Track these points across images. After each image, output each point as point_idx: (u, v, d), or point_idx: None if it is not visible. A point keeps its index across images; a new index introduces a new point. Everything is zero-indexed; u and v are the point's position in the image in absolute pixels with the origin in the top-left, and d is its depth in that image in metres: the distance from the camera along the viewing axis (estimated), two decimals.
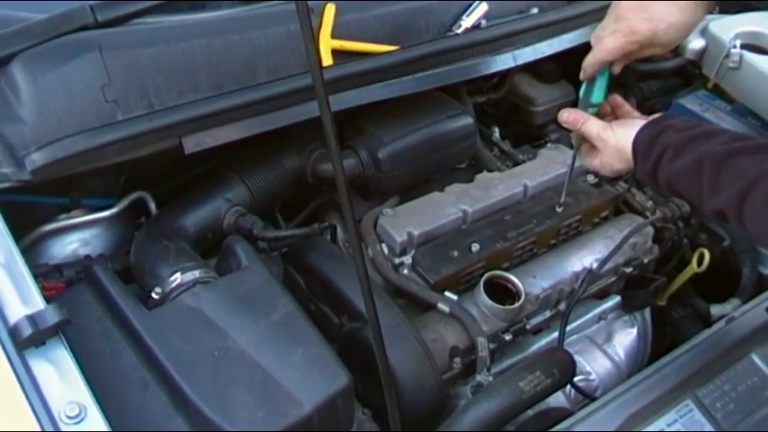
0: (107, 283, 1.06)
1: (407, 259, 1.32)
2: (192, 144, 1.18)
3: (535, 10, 1.59)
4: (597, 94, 1.20)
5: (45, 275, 1.15)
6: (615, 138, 1.13)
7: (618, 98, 1.24)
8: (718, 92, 1.71)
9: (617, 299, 1.50)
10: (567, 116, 1.21)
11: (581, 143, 1.24)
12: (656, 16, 1.10)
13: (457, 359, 1.25)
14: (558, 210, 1.42)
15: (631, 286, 1.53)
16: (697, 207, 1.06)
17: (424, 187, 1.49)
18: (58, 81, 1.12)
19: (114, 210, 1.28)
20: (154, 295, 1.10)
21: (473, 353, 1.24)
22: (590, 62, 1.18)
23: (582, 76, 1.21)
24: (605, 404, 1.09)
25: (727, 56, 1.63)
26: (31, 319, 0.86)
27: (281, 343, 1.01)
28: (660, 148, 1.03)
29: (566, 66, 1.69)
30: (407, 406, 1.12)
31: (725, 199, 0.95)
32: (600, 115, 1.22)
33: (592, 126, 1.17)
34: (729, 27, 1.65)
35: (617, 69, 1.20)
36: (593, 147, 1.19)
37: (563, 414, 1.16)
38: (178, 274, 1.11)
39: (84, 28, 1.20)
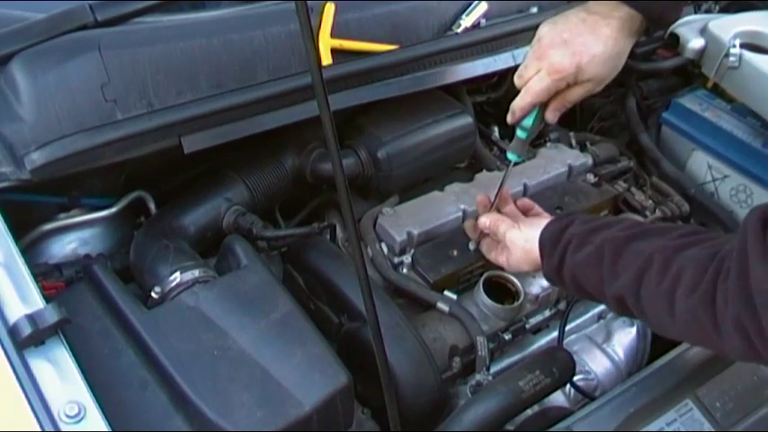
0: (106, 282, 1.06)
1: (407, 258, 1.32)
2: (192, 143, 1.18)
3: (535, 9, 1.59)
4: (526, 120, 1.17)
5: (45, 275, 1.15)
6: (523, 238, 1.12)
7: (527, 202, 1.25)
8: (718, 91, 1.71)
9: None
10: (484, 222, 1.21)
11: (483, 237, 1.24)
12: (578, 50, 1.08)
13: (456, 358, 1.25)
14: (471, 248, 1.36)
15: None
16: (600, 300, 1.05)
17: (423, 186, 1.49)
18: (57, 80, 1.12)
19: (114, 209, 1.28)
20: (153, 294, 1.10)
21: (473, 352, 1.24)
22: (519, 106, 1.15)
23: (510, 119, 1.18)
24: (605, 403, 1.09)
25: (727, 55, 1.63)
26: (31, 318, 0.86)
27: (281, 342, 1.01)
28: (565, 242, 1.03)
29: None
30: (407, 405, 1.12)
31: (623, 283, 0.93)
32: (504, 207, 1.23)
33: (502, 227, 1.17)
34: (729, 26, 1.65)
35: (552, 118, 1.17)
36: (496, 242, 1.20)
37: (562, 413, 1.16)
38: (177, 274, 1.11)
39: (84, 27, 1.20)
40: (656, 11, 1.07)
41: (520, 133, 1.17)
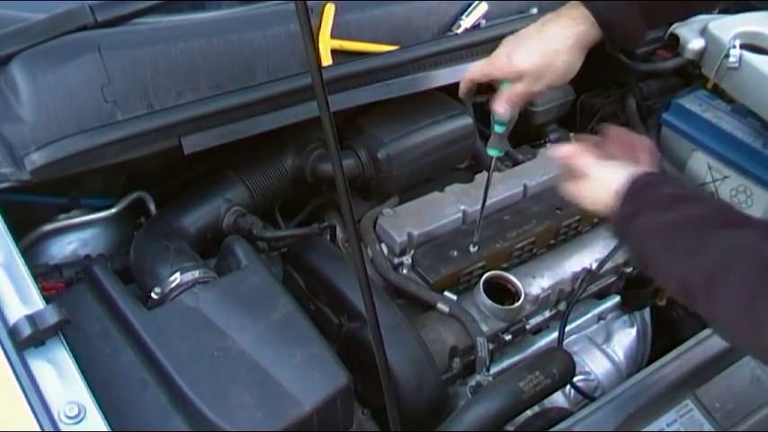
0: (107, 283, 1.06)
1: (407, 259, 1.32)
2: (192, 144, 1.18)
3: (535, 10, 1.59)
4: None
5: (45, 275, 1.15)
6: (607, 170, 1.00)
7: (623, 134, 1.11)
8: (718, 92, 1.71)
9: (616, 299, 1.50)
10: (567, 151, 1.07)
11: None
12: (515, 40, 1.08)
13: (456, 359, 1.25)
14: (473, 249, 1.34)
15: (631, 286, 1.53)
16: (652, 276, 0.95)
17: (423, 187, 1.49)
18: (57, 81, 1.12)
19: (114, 210, 1.28)
20: (153, 295, 1.10)
21: (473, 353, 1.24)
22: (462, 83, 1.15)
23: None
24: (605, 404, 1.09)
25: (727, 56, 1.63)
26: (31, 319, 0.86)
27: (281, 343, 1.01)
28: (649, 197, 0.93)
29: None
30: (407, 406, 1.12)
31: (700, 268, 0.83)
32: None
33: (585, 157, 1.04)
34: (729, 27, 1.65)
35: (500, 110, 1.12)
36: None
37: (562, 414, 1.16)
38: (178, 274, 1.11)
39: (84, 28, 1.20)
40: (618, 28, 1.03)
41: (497, 128, 1.16)
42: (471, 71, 1.14)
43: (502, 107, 1.12)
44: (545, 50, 1.05)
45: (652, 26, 1.06)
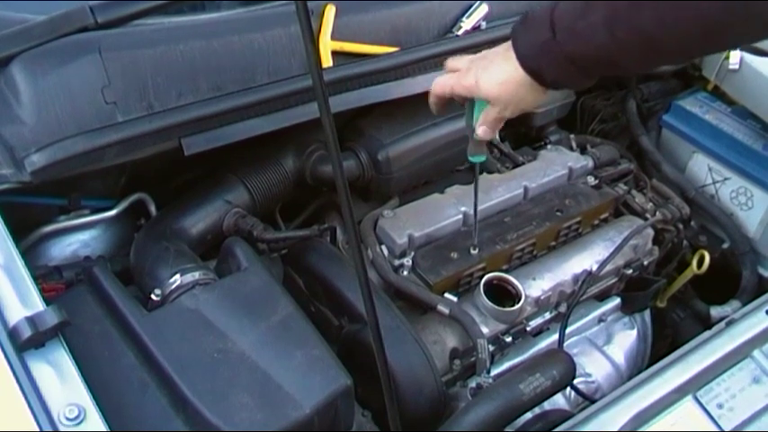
0: (107, 284, 1.06)
1: (407, 261, 1.32)
2: (192, 145, 1.18)
3: None
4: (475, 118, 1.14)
5: (45, 277, 1.15)
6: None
7: None
8: (718, 94, 1.72)
9: (617, 300, 1.50)
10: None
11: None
12: (481, 63, 1.06)
13: (457, 361, 1.25)
14: (474, 251, 1.34)
15: (631, 288, 1.53)
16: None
17: (423, 189, 1.49)
18: (57, 82, 1.12)
19: (114, 211, 1.28)
20: (153, 297, 1.10)
21: (473, 355, 1.24)
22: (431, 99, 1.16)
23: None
24: (605, 406, 1.09)
25: (727, 58, 1.63)
26: (31, 320, 0.86)
27: (281, 345, 1.01)
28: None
29: None
30: (407, 408, 1.12)
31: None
32: None
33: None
34: None
35: (481, 133, 1.11)
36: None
37: (563, 416, 1.16)
38: (178, 276, 1.11)
39: (84, 29, 1.20)
40: (548, 78, 1.00)
41: (474, 135, 1.16)
42: (440, 87, 1.12)
43: (484, 132, 1.11)
44: (508, 80, 1.02)
45: (589, 78, 1.01)
